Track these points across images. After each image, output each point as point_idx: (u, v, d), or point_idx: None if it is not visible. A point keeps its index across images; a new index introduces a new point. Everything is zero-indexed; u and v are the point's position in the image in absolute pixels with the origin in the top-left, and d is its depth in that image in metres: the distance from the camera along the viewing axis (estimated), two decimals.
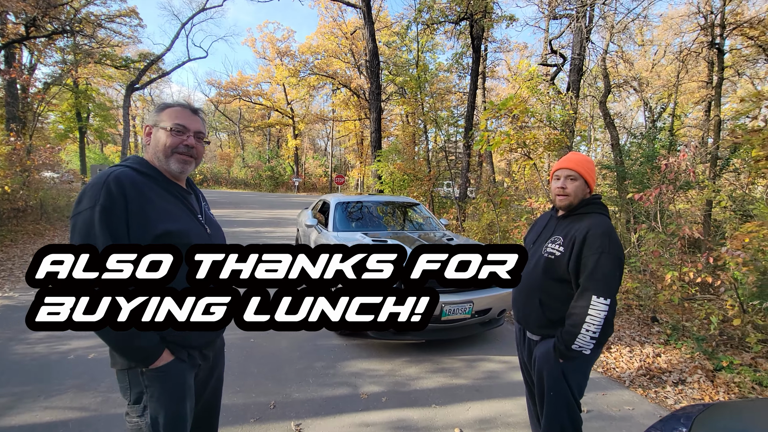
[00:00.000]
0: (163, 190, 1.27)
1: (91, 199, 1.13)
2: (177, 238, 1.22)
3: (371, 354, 3.39)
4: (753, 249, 3.84)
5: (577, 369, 1.69)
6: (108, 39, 18.89)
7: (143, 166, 1.28)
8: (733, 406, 1.56)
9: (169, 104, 1.34)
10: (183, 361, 1.27)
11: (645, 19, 10.98)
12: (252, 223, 11.81)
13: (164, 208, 1.24)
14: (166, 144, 1.28)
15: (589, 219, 1.66)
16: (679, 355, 3.38)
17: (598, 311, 1.52)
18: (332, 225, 4.70)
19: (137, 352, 1.18)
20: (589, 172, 1.72)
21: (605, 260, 1.55)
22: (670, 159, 5.05)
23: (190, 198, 1.38)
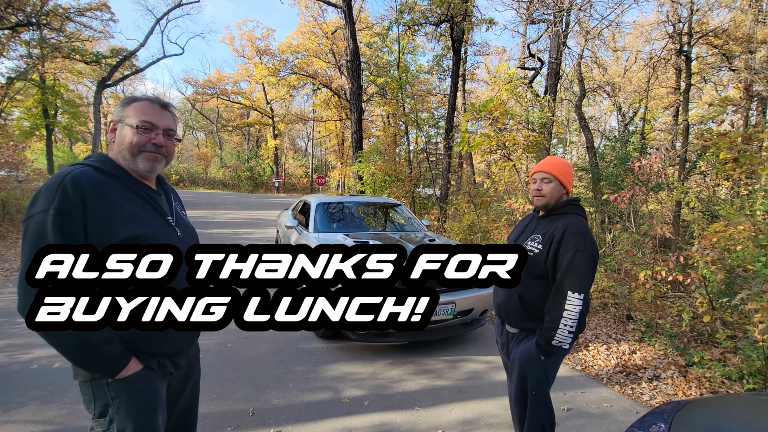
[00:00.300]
0: (128, 191, 1.18)
1: (46, 202, 1.04)
2: (144, 241, 1.14)
3: (353, 357, 3.34)
4: (720, 248, 4.01)
5: (554, 364, 1.78)
6: (77, 33, 18.12)
7: (107, 164, 1.19)
8: (710, 402, 1.60)
9: (136, 98, 1.24)
10: (153, 369, 1.19)
11: (618, 26, 11.35)
12: (230, 225, 11.55)
13: (129, 210, 1.15)
14: (132, 142, 1.19)
15: (567, 219, 1.74)
16: (653, 352, 3.48)
17: (573, 306, 1.61)
18: (313, 226, 4.63)
19: (100, 363, 1.09)
20: (564, 174, 1.80)
21: (580, 258, 1.63)
22: (642, 161, 5.22)
23: (159, 199, 1.29)
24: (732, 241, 4.11)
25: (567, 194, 1.84)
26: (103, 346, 1.08)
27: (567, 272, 1.63)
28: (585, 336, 3.92)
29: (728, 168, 3.46)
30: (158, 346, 1.22)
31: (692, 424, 1.28)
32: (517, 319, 1.84)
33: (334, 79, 28.06)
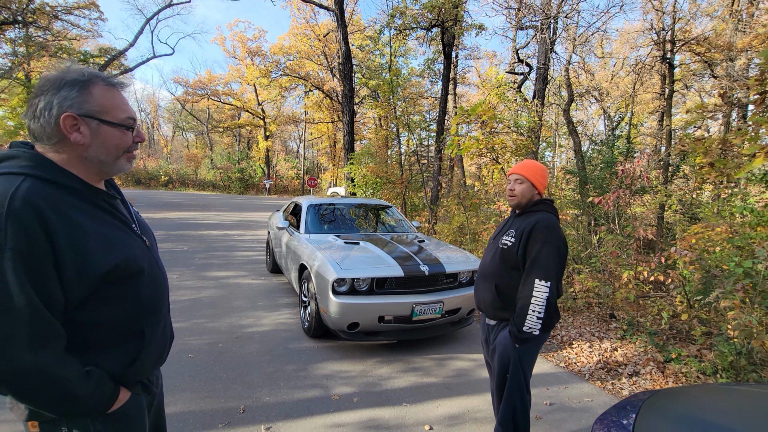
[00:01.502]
0: (89, 206, 0.94)
1: None
2: (125, 268, 0.96)
3: (343, 356, 3.40)
4: (699, 249, 4.16)
5: (529, 352, 1.89)
6: (65, 31, 17.90)
7: (54, 173, 0.90)
8: (677, 391, 1.70)
9: (90, 78, 0.94)
10: (138, 394, 1.07)
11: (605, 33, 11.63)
12: (220, 226, 11.50)
13: (101, 234, 0.93)
14: (119, 145, 0.98)
15: (537, 215, 1.89)
16: (634, 349, 3.60)
17: (540, 293, 1.73)
18: (304, 227, 4.67)
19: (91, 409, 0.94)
20: (535, 176, 1.95)
21: (546, 249, 1.76)
22: (626, 165, 5.38)
23: (117, 204, 1.06)
24: (711, 242, 4.28)
25: (540, 194, 1.98)
26: (94, 395, 0.92)
27: (534, 262, 1.77)
28: (569, 334, 4.03)
29: (705, 172, 3.60)
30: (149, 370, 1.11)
31: (659, 410, 1.37)
32: (494, 309, 1.96)
33: (327, 81, 28.10)
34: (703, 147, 3.38)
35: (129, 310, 1.01)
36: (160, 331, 1.12)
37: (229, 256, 7.45)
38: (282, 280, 5.83)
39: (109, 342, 0.99)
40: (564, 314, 4.65)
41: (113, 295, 0.96)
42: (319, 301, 3.43)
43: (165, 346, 1.18)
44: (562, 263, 1.80)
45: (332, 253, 3.69)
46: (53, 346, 0.86)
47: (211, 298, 4.77)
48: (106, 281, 0.92)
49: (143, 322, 1.05)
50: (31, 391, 0.85)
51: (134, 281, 1.00)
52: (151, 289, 1.07)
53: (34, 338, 0.82)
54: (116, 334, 1.00)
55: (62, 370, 0.87)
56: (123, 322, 1.00)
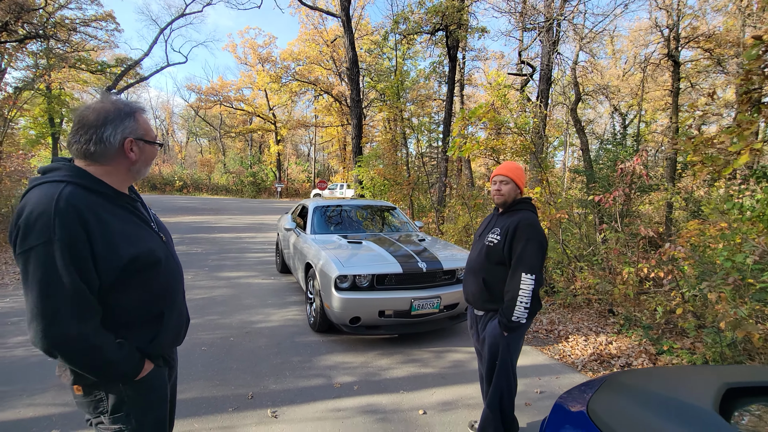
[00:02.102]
0: (116, 207, 1.16)
1: (45, 233, 0.98)
2: (145, 259, 1.16)
3: (346, 348, 3.58)
4: (701, 245, 4.24)
5: (515, 339, 2.05)
6: (83, 43, 18.56)
7: (90, 181, 1.11)
8: (642, 371, 1.83)
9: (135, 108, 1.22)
10: (160, 366, 1.29)
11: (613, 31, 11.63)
12: (233, 229, 11.83)
13: (125, 231, 1.14)
14: (153, 158, 1.26)
15: (520, 214, 2.05)
16: (629, 343, 3.70)
17: (527, 285, 1.90)
18: (310, 228, 4.88)
19: (122, 376, 1.15)
20: (518, 177, 2.11)
21: (530, 245, 1.93)
22: (626, 163, 5.45)
23: (139, 207, 1.28)
24: (712, 239, 4.35)
25: (521, 193, 2.15)
26: (125, 362, 1.13)
27: (521, 257, 1.93)
28: (566, 329, 4.14)
29: (697, 169, 3.69)
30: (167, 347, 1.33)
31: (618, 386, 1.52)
32: (483, 302, 2.13)
33: (335, 86, 28.47)
34: (692, 145, 3.47)
35: (149, 295, 1.21)
36: (176, 313, 1.33)
37: (240, 257, 7.72)
38: (291, 279, 6.05)
39: (134, 321, 1.20)
40: (563, 310, 4.76)
41: (136, 283, 1.17)
42: (323, 297, 3.63)
43: (181, 327, 1.39)
44: (544, 256, 1.97)
45: (336, 251, 3.89)
46: (93, 319, 1.08)
47: (223, 297, 5.02)
48: (129, 269, 1.12)
49: (162, 305, 1.26)
50: (76, 355, 1.06)
51: (153, 270, 1.21)
52: (167, 277, 1.28)
53: (79, 312, 1.03)
54: (139, 314, 1.21)
55: (100, 339, 1.08)
56: (145, 304, 1.21)
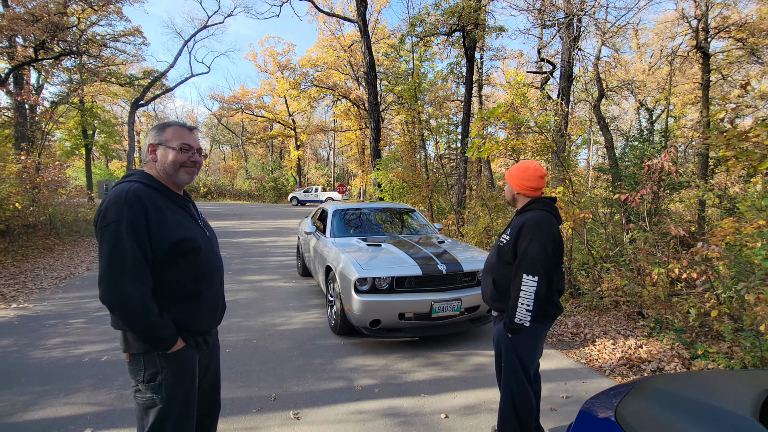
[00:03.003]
0: (170, 202, 1.47)
1: (117, 214, 1.31)
2: (189, 243, 1.44)
3: (367, 351, 3.59)
4: (738, 244, 4.03)
5: (524, 342, 2.00)
6: (113, 57, 19.41)
7: (151, 180, 1.46)
8: (673, 376, 1.75)
9: (169, 123, 1.53)
10: (191, 347, 1.50)
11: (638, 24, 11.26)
12: (255, 234, 12.07)
13: (175, 218, 1.44)
14: (174, 161, 1.48)
15: (528, 214, 2.02)
16: (660, 346, 3.55)
17: (528, 287, 1.85)
18: (330, 231, 4.93)
19: (159, 341, 1.39)
20: (512, 177, 2.11)
21: (534, 245, 1.88)
22: (653, 160, 5.25)
23: (189, 206, 1.58)
24: (749, 237, 4.12)
25: (521, 194, 2.10)
26: (164, 328, 1.38)
27: (523, 258, 1.90)
28: (593, 332, 4.01)
29: (730, 165, 3.52)
30: (201, 324, 1.54)
31: (649, 391, 1.46)
32: (493, 301, 2.11)
33: (353, 90, 28.71)
34: (724, 139, 3.31)
35: (191, 274, 1.47)
36: (213, 293, 1.58)
37: (263, 261, 7.87)
38: (312, 282, 6.12)
39: (177, 296, 1.45)
40: (589, 313, 4.62)
41: (181, 262, 1.44)
42: (344, 300, 3.65)
43: (217, 308, 1.63)
44: (551, 259, 1.89)
45: (355, 254, 3.91)
46: (147, 284, 1.35)
47: (246, 300, 5.12)
48: (176, 249, 1.41)
49: (201, 284, 1.50)
50: (130, 311, 1.31)
51: (195, 254, 1.47)
52: (206, 262, 1.53)
53: (136, 275, 1.32)
54: (182, 290, 1.46)
55: (150, 303, 1.35)
56: (187, 281, 1.47)
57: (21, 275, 6.36)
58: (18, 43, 13.79)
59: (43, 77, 17.23)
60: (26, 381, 2.97)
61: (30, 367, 3.22)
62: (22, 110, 13.19)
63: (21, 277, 6.23)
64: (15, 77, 13.58)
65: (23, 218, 8.69)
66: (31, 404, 2.66)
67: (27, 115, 13.46)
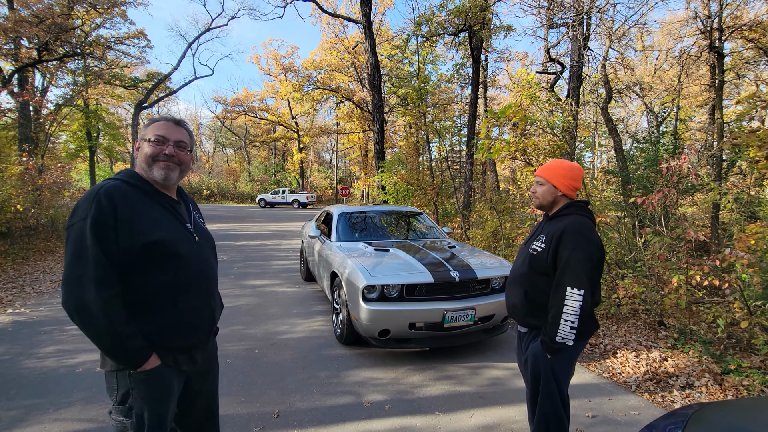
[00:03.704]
0: (152, 201, 1.35)
1: (84, 212, 1.21)
2: (164, 246, 1.29)
3: (375, 363, 3.40)
4: (760, 250, 3.81)
5: (563, 362, 1.80)
6: (117, 60, 19.41)
7: (133, 178, 1.36)
8: (730, 404, 1.56)
9: (155, 119, 1.42)
10: (168, 366, 1.33)
11: (644, 25, 11.06)
12: (258, 237, 11.91)
13: (153, 218, 1.31)
14: (146, 153, 1.36)
15: (568, 219, 1.81)
16: (687, 359, 3.34)
17: (573, 301, 1.65)
18: (335, 235, 4.75)
19: (126, 356, 1.24)
20: (557, 177, 1.87)
21: (577, 255, 1.68)
22: (671, 162, 5.05)
23: (179, 208, 1.45)
24: None
25: (564, 196, 1.89)
26: (130, 341, 1.23)
27: (565, 269, 1.69)
28: (613, 343, 3.80)
29: (761, 167, 3.32)
30: (179, 338, 1.36)
31: (709, 424, 1.27)
32: (524, 316, 1.89)
33: (356, 92, 28.61)
34: (757, 139, 3.12)
35: (168, 281, 1.31)
36: (195, 305, 1.40)
37: (265, 265, 7.70)
38: (316, 287, 5.93)
39: (149, 305, 1.30)
40: (607, 322, 4.41)
41: (158, 266, 1.29)
42: (350, 308, 3.46)
43: (199, 324, 1.43)
44: (596, 269, 1.70)
45: (362, 260, 3.72)
46: (110, 289, 1.21)
47: (248, 306, 4.94)
48: (151, 252, 1.26)
49: (177, 294, 1.34)
50: (90, 318, 1.18)
51: (172, 260, 1.32)
52: (187, 272, 1.36)
53: (98, 279, 1.18)
54: (156, 298, 1.30)
55: (115, 311, 1.20)
56: (162, 289, 1.31)
57: (20, 278, 6.22)
58: (23, 45, 13.76)
59: (47, 79, 17.20)
60: (16, 393, 2.80)
61: (21, 377, 3.05)
62: (26, 112, 13.14)
63: (20, 281, 6.08)
64: (19, 78, 13.55)
65: (25, 220, 8.56)
66: (18, 420, 2.49)
67: (30, 117, 13.40)
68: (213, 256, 1.56)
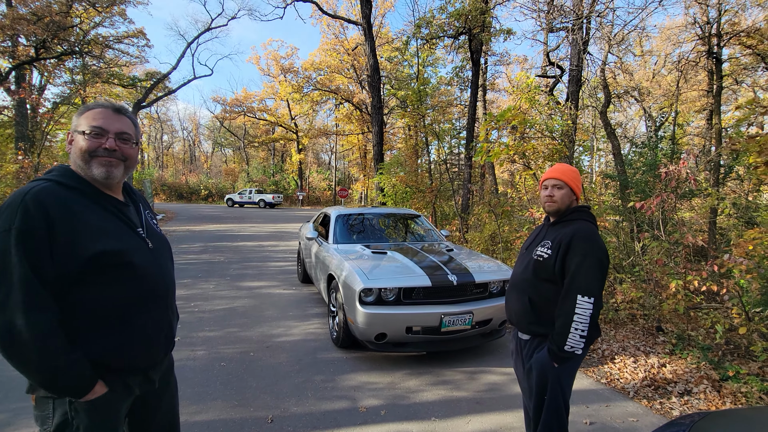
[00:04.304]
0: (93, 204, 1.15)
1: (6, 222, 1.00)
2: (113, 258, 1.11)
3: (371, 367, 3.36)
4: (758, 256, 3.80)
5: (568, 371, 1.76)
6: (116, 59, 19.35)
7: (68, 177, 1.14)
8: (733, 413, 1.53)
9: (89, 106, 1.20)
10: (116, 391, 1.17)
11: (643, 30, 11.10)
12: (255, 238, 11.86)
13: (96, 225, 1.11)
14: (82, 148, 1.15)
15: (575, 225, 1.76)
16: (685, 365, 3.31)
17: (583, 310, 1.61)
18: (333, 237, 4.71)
19: (65, 390, 1.06)
20: (574, 180, 1.83)
21: (589, 262, 1.64)
22: (670, 167, 5.04)
23: (127, 210, 1.25)
24: None
25: (577, 200, 1.86)
26: (72, 371, 1.04)
27: (576, 276, 1.65)
28: (611, 348, 3.78)
29: (760, 172, 3.31)
30: (135, 361, 1.20)
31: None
32: (528, 324, 1.84)
33: (356, 94, 28.62)
34: (756, 145, 3.10)
35: (117, 296, 1.14)
36: (150, 321, 1.23)
37: (262, 266, 7.65)
38: (312, 290, 5.89)
39: (96, 324, 1.12)
40: (605, 326, 4.38)
41: (101, 281, 1.11)
42: (347, 311, 3.42)
43: (156, 342, 1.26)
44: (605, 276, 1.67)
45: (360, 262, 3.69)
46: (42, 313, 1.01)
47: (244, 308, 4.89)
48: (94, 264, 1.08)
49: (130, 310, 1.17)
50: (19, 352, 1.00)
51: (122, 272, 1.15)
52: (140, 283, 1.19)
53: (27, 301, 0.99)
54: (103, 317, 1.13)
55: (48, 336, 1.01)
56: (111, 306, 1.13)
57: None
58: (20, 43, 13.70)
59: (45, 77, 17.12)
60: (4, 396, 2.75)
61: (10, 380, 2.99)
62: (23, 110, 13.07)
63: None
64: (16, 76, 13.47)
65: None
66: (6, 424, 2.44)
67: (27, 115, 13.32)
68: (170, 263, 1.38)
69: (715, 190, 8.01)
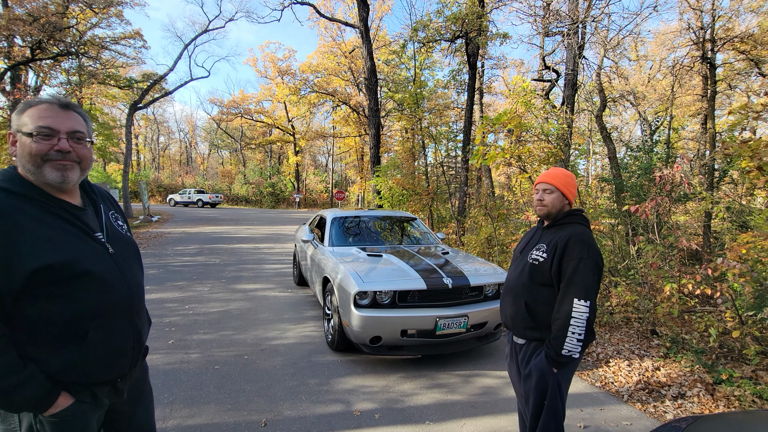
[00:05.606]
0: (41, 212, 1.05)
1: None
2: (60, 271, 1.02)
3: (366, 370, 3.35)
4: (751, 260, 3.83)
5: (566, 375, 1.76)
6: (112, 60, 19.27)
7: (13, 183, 1.04)
8: (726, 416, 1.54)
9: (32, 102, 1.08)
10: (84, 402, 1.10)
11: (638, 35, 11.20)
12: (252, 240, 11.82)
13: (42, 235, 1.01)
14: (32, 152, 1.04)
15: (570, 228, 1.77)
16: (679, 369, 3.32)
17: (580, 313, 1.61)
18: (328, 240, 4.71)
19: (23, 406, 1.01)
20: (565, 185, 1.83)
21: (584, 266, 1.65)
22: (665, 171, 5.07)
23: (82, 215, 1.14)
24: (764, 252, 3.92)
25: (570, 204, 1.87)
26: (25, 390, 0.98)
27: (572, 280, 1.65)
28: (606, 351, 3.79)
29: (753, 176, 3.33)
30: (101, 372, 1.13)
31: None
32: (524, 328, 1.83)
33: (353, 96, 28.67)
34: (749, 150, 3.13)
35: (72, 310, 1.05)
36: (108, 335, 1.12)
37: (258, 268, 7.62)
38: (308, 292, 5.87)
39: (51, 339, 1.04)
40: (600, 330, 4.39)
41: (55, 294, 1.02)
42: (342, 314, 3.42)
43: (120, 353, 1.17)
44: (600, 279, 1.68)
45: (355, 265, 3.68)
46: None
47: (239, 311, 4.87)
48: (43, 277, 0.98)
49: (88, 324, 1.08)
50: None
51: (79, 282, 1.05)
52: (100, 292, 1.10)
53: None
54: (58, 332, 1.04)
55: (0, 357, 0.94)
56: (65, 320, 1.04)
57: None
58: (16, 43, 13.63)
59: (41, 78, 17.03)
60: None
61: None
62: None
63: None
64: (11, 77, 13.40)
65: None
66: None
67: None
68: (136, 267, 1.27)
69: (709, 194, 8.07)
